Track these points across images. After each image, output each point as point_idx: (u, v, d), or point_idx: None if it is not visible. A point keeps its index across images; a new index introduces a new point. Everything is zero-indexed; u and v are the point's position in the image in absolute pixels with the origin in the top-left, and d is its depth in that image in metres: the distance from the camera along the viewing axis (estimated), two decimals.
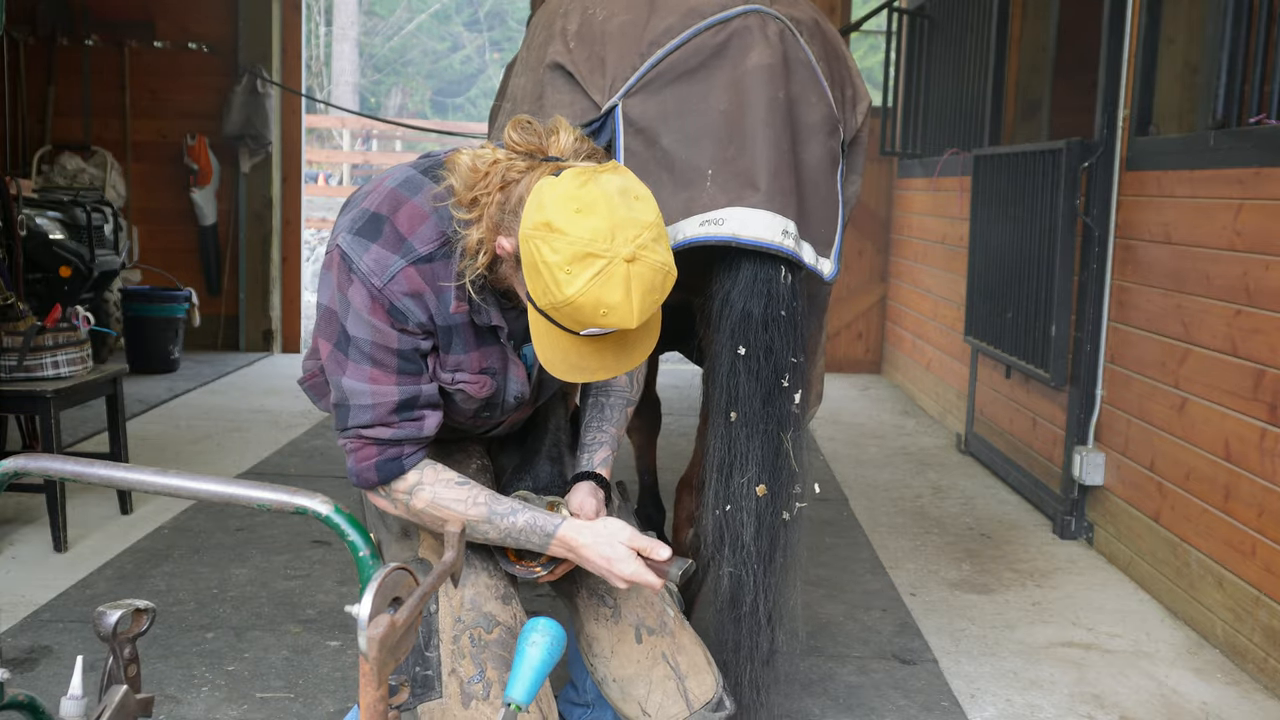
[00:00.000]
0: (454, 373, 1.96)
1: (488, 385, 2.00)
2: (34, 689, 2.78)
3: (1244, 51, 3.46)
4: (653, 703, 2.10)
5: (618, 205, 1.68)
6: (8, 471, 1.54)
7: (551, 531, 1.93)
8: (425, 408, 1.93)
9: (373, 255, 1.84)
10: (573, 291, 1.66)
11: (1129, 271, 4.19)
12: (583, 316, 1.68)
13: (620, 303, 1.66)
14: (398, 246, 1.85)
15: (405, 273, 1.85)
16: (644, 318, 1.69)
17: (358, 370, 1.88)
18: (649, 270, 1.68)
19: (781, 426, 2.29)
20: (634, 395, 2.24)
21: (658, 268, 1.69)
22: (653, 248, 1.69)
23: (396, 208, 1.88)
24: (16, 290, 4.78)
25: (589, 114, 2.39)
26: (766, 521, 2.28)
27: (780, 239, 2.23)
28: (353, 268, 1.85)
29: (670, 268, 1.72)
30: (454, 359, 1.95)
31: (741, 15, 2.35)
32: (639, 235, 1.68)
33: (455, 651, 1.98)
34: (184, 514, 4.42)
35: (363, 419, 1.90)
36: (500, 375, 2.01)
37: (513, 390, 2.04)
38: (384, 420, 1.89)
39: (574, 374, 1.78)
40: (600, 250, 1.65)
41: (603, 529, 1.94)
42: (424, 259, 1.86)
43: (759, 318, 2.26)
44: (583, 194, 1.69)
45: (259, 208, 8.25)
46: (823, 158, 2.38)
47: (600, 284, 1.65)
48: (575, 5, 2.53)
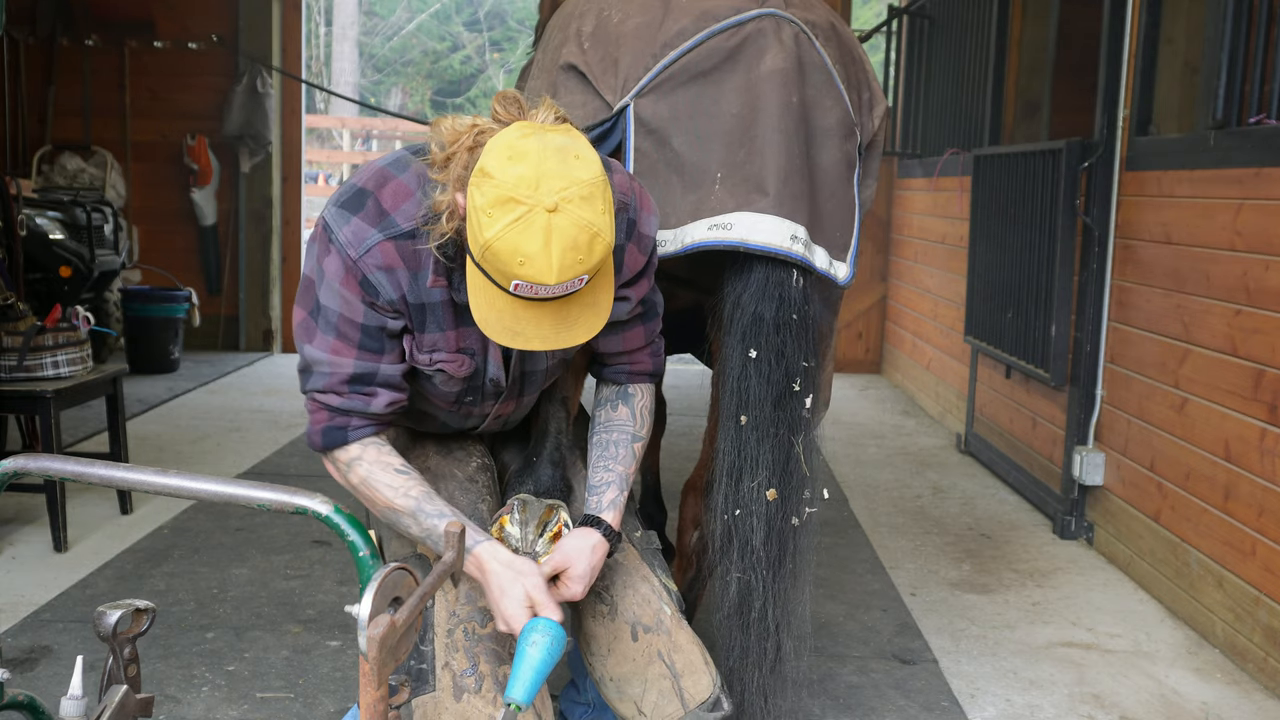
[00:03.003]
0: (431, 353, 1.96)
1: (466, 364, 1.99)
2: (34, 689, 2.78)
3: (1244, 51, 3.46)
4: (648, 701, 2.10)
5: (550, 158, 1.67)
6: (8, 471, 1.54)
7: (470, 546, 1.92)
8: (379, 385, 1.94)
9: (352, 227, 1.86)
10: (490, 235, 1.64)
11: (1129, 271, 4.19)
12: (501, 264, 1.65)
13: (537, 253, 1.63)
14: (377, 220, 1.87)
15: (381, 247, 1.86)
16: (564, 275, 1.65)
17: (322, 340, 1.91)
18: (571, 225, 1.64)
19: (792, 430, 2.28)
20: (639, 430, 2.17)
21: (582, 225, 1.65)
22: (580, 204, 1.66)
23: (382, 184, 1.90)
24: (16, 290, 4.78)
25: (601, 114, 2.39)
26: (776, 526, 2.27)
27: (789, 244, 2.22)
28: (332, 238, 1.87)
29: (600, 231, 1.67)
30: (430, 338, 1.94)
31: (756, 19, 2.34)
32: (566, 189, 1.65)
33: (449, 645, 1.98)
34: (184, 514, 4.42)
35: (318, 384, 1.94)
36: (479, 356, 2.00)
37: (490, 371, 2.04)
38: (335, 389, 1.92)
39: (508, 337, 1.73)
40: (522, 196, 1.64)
41: (516, 564, 1.90)
42: (405, 235, 1.87)
43: (771, 321, 2.25)
44: (520, 144, 1.69)
45: (259, 208, 8.25)
46: (838, 161, 2.37)
47: (518, 230, 1.63)
48: (591, 8, 2.53)
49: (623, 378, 2.19)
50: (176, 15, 8.03)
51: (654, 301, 2.16)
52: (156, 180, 8.14)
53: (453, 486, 2.17)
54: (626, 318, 2.11)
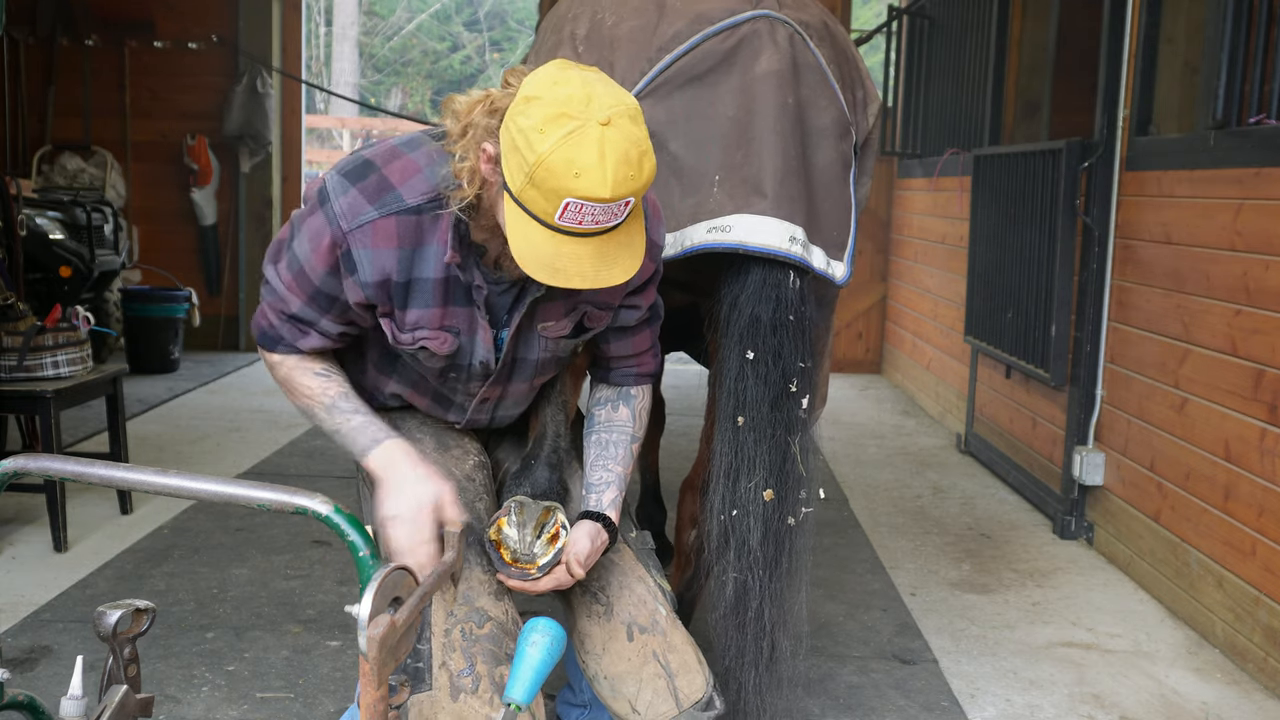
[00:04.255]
0: (414, 331, 1.96)
1: (449, 342, 1.99)
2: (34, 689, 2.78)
3: (1244, 51, 3.46)
4: (642, 700, 2.10)
5: (595, 82, 1.70)
6: (8, 471, 1.54)
7: (369, 447, 1.93)
8: (314, 330, 1.98)
9: (349, 199, 1.86)
10: (545, 149, 1.63)
11: (1129, 271, 4.19)
12: (555, 179, 1.64)
13: (593, 165, 1.63)
14: (377, 196, 1.86)
15: (376, 225, 1.85)
16: (618, 190, 1.64)
17: (284, 271, 1.94)
18: (623, 139, 1.65)
19: (789, 431, 2.28)
20: (638, 431, 2.18)
21: (634, 140, 1.66)
22: (629, 122, 1.67)
23: (391, 160, 1.90)
24: (16, 290, 4.78)
25: None
26: (773, 527, 2.28)
27: (787, 245, 2.23)
28: (325, 202, 1.87)
29: (647, 150, 1.68)
30: (414, 315, 1.94)
31: (750, 20, 2.34)
32: (616, 106, 1.67)
33: (446, 645, 1.99)
34: (184, 514, 4.42)
35: (267, 297, 2.00)
36: (465, 336, 2.00)
37: (479, 354, 2.03)
38: (278, 311, 1.98)
39: (548, 274, 1.72)
40: (575, 112, 1.65)
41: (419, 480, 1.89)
42: (410, 210, 1.86)
43: (767, 322, 2.25)
44: (562, 73, 1.71)
45: (259, 208, 8.25)
46: (834, 161, 2.37)
47: (573, 142, 1.63)
48: (584, 10, 2.53)
49: (629, 380, 2.20)
50: (176, 15, 8.03)
51: (658, 304, 2.17)
52: (156, 180, 8.14)
53: (450, 485, 2.17)
54: (634, 322, 2.12)
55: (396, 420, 2.25)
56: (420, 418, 2.25)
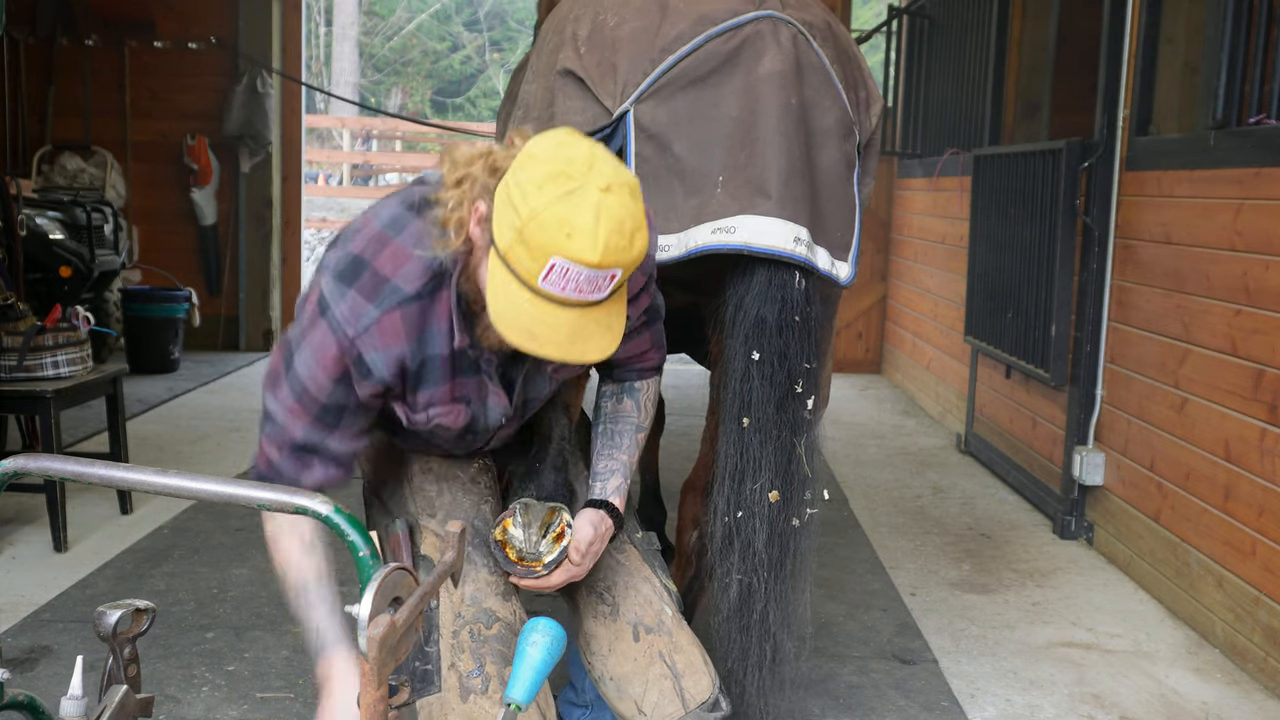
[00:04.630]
0: (427, 410, 1.94)
1: (463, 414, 1.98)
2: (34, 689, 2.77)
3: (1244, 51, 3.46)
4: (649, 701, 2.10)
5: (600, 152, 1.69)
6: (8, 471, 1.54)
7: (319, 649, 1.86)
8: (318, 458, 1.91)
9: (348, 303, 1.81)
10: (540, 204, 1.61)
11: (1129, 271, 4.19)
12: (545, 236, 1.61)
13: (587, 227, 1.60)
14: (375, 293, 1.81)
15: (381, 323, 1.81)
16: (606, 257, 1.62)
17: (285, 397, 1.88)
18: (621, 208, 1.63)
19: (794, 432, 2.28)
20: (643, 421, 2.19)
21: (630, 212, 1.65)
22: (628, 195, 1.66)
23: (380, 249, 1.83)
24: (16, 290, 4.78)
25: (600, 120, 2.38)
26: (778, 528, 2.28)
27: (792, 246, 2.23)
28: (325, 312, 1.82)
29: (641, 226, 1.67)
30: (425, 395, 1.92)
31: (753, 21, 2.34)
32: (617, 177, 1.66)
33: (455, 646, 1.99)
34: (184, 514, 4.42)
35: (267, 431, 1.92)
36: (477, 404, 1.99)
37: (494, 416, 2.03)
38: (278, 445, 1.91)
39: (524, 338, 1.69)
40: (576, 173, 1.64)
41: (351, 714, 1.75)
42: (410, 299, 1.82)
43: (773, 323, 2.25)
44: (569, 137, 1.71)
45: (259, 208, 8.25)
46: (837, 161, 2.37)
47: (570, 201, 1.61)
48: (586, 11, 2.52)
49: (632, 376, 2.21)
50: (176, 15, 8.02)
51: (657, 305, 2.16)
52: (156, 180, 8.14)
53: (455, 488, 2.17)
54: (629, 329, 2.11)
55: None
56: None
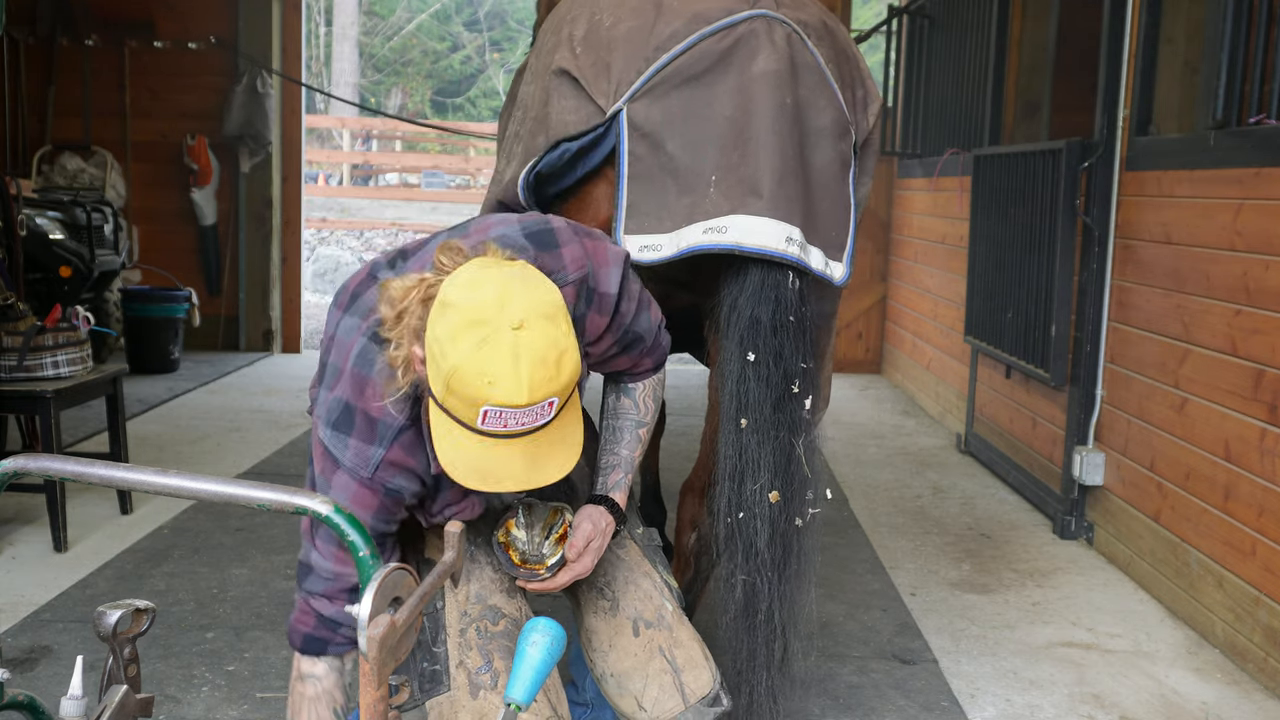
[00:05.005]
0: (443, 511, 1.98)
1: (478, 505, 2.01)
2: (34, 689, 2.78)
3: (1244, 51, 3.46)
4: (649, 697, 2.10)
5: (512, 281, 1.65)
6: (8, 471, 1.54)
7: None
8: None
9: (352, 451, 1.85)
10: (457, 359, 1.60)
11: (1129, 271, 4.19)
12: (468, 389, 1.61)
13: (506, 373, 1.59)
14: (371, 435, 1.84)
15: (388, 458, 1.85)
16: (535, 394, 1.61)
17: (325, 547, 1.89)
18: (539, 340, 1.61)
19: (793, 432, 2.28)
20: (643, 417, 2.19)
21: (550, 341, 1.62)
22: (545, 322, 1.63)
23: (360, 391, 1.85)
24: (16, 290, 4.78)
25: (594, 119, 2.38)
26: (780, 528, 2.28)
27: (784, 246, 2.22)
28: (338, 464, 1.86)
29: (567, 349, 1.64)
30: (440, 501, 1.97)
31: (747, 20, 2.33)
32: (530, 307, 1.62)
33: (462, 644, 2.00)
34: (184, 514, 4.42)
35: (317, 588, 1.92)
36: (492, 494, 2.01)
37: (508, 498, 2.07)
38: (332, 596, 1.91)
39: (477, 479, 1.69)
40: (487, 318, 1.60)
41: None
42: (405, 427, 1.85)
43: (768, 323, 2.25)
44: (479, 274, 1.67)
45: (259, 208, 8.25)
46: (832, 160, 2.36)
47: (485, 351, 1.59)
48: (583, 12, 2.52)
49: (626, 379, 2.21)
50: (176, 15, 8.02)
51: (637, 332, 2.10)
52: (156, 180, 8.14)
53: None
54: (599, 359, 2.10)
55: None
56: None
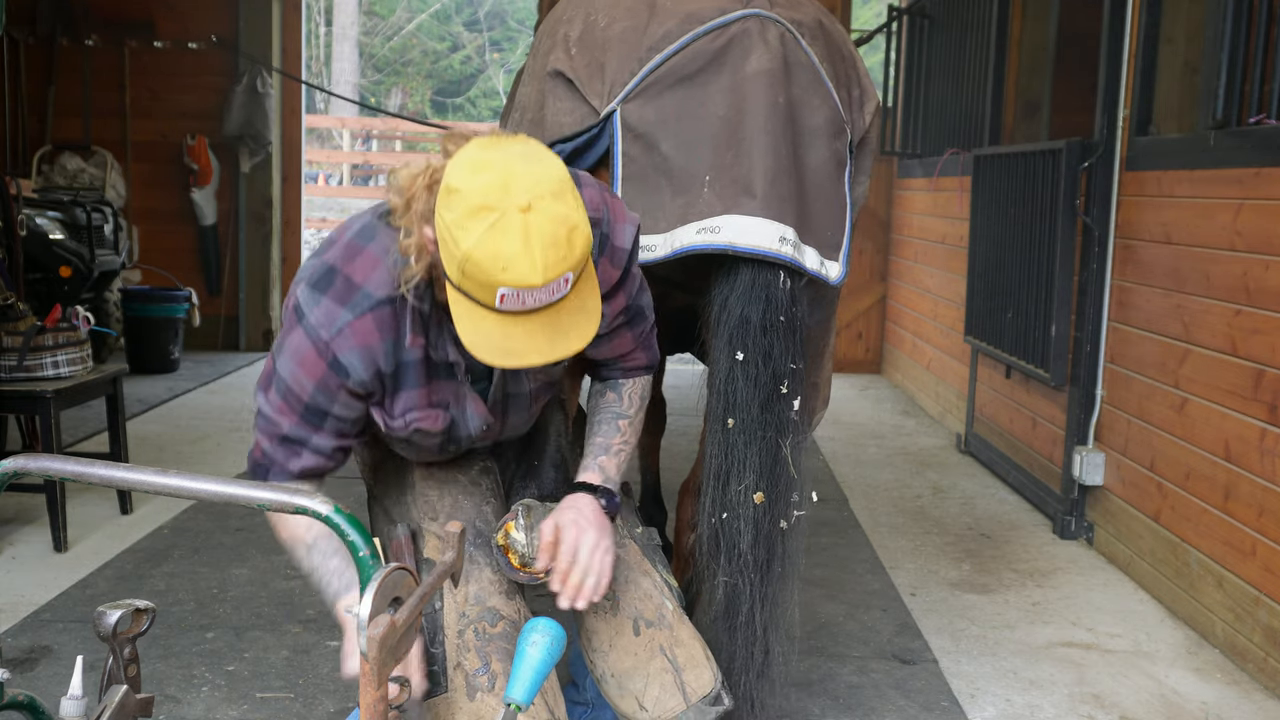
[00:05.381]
0: (404, 414, 1.97)
1: (441, 418, 2.00)
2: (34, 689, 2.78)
3: (1244, 51, 3.46)
4: (649, 696, 2.10)
5: (515, 162, 1.67)
6: (8, 471, 1.54)
7: (339, 594, 1.93)
8: (306, 449, 1.97)
9: (322, 309, 1.86)
10: (469, 245, 1.62)
11: (1129, 271, 4.19)
12: (483, 274, 1.63)
13: (519, 254, 1.61)
14: (347, 298, 1.86)
15: (354, 325, 1.85)
16: (549, 273, 1.63)
17: (273, 397, 1.94)
18: (548, 221, 1.63)
19: (780, 433, 2.27)
20: (625, 409, 2.18)
21: (559, 219, 1.64)
22: (552, 200, 1.64)
23: (351, 258, 1.88)
24: (16, 290, 4.78)
25: (588, 120, 2.38)
26: (764, 530, 2.26)
27: (777, 246, 2.22)
28: (301, 318, 1.88)
29: (577, 224, 1.66)
30: (403, 399, 1.95)
31: (740, 20, 2.33)
32: (536, 186, 1.64)
33: (460, 646, 1.99)
34: (184, 514, 4.42)
35: (259, 425, 1.99)
36: (456, 408, 2.00)
37: (473, 424, 2.04)
38: (269, 436, 1.97)
39: (501, 357, 1.71)
40: (494, 202, 1.63)
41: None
42: (382, 302, 1.86)
43: (757, 323, 2.24)
44: (482, 155, 1.69)
45: (259, 208, 8.25)
46: (827, 160, 2.36)
47: (496, 235, 1.61)
48: (578, 13, 2.52)
49: (618, 374, 2.21)
50: (176, 15, 8.03)
51: (640, 305, 2.14)
52: (156, 180, 8.14)
53: (456, 491, 2.17)
54: (605, 330, 2.10)
55: None
56: None
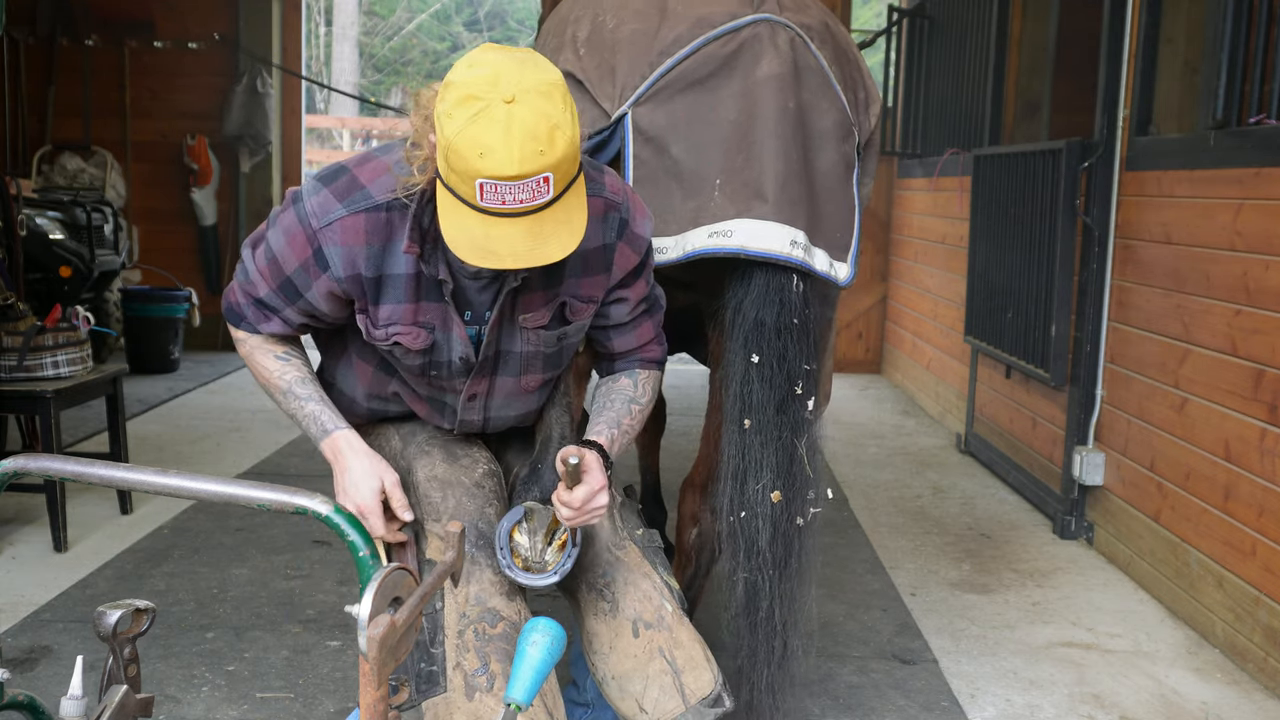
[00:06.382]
0: (387, 327, 1.99)
1: (422, 337, 2.01)
2: (34, 689, 2.78)
3: (1244, 51, 3.46)
4: (649, 698, 2.10)
5: (509, 62, 1.71)
6: (8, 471, 1.54)
7: (329, 430, 2.02)
8: (276, 316, 2.05)
9: (320, 199, 1.92)
10: (452, 132, 1.67)
11: (1129, 271, 4.19)
12: (463, 161, 1.67)
13: (497, 144, 1.65)
14: (346, 195, 1.91)
15: (344, 222, 1.90)
16: (525, 166, 1.65)
17: (260, 258, 2.02)
18: (530, 114, 1.66)
19: (795, 433, 2.30)
20: (638, 395, 2.19)
21: (541, 114, 1.66)
22: (538, 97, 1.67)
23: (363, 162, 1.95)
24: (16, 290, 4.78)
25: (599, 122, 2.40)
26: (781, 528, 2.30)
27: (789, 250, 2.24)
28: (297, 201, 1.94)
29: (559, 123, 1.68)
30: (386, 311, 1.98)
31: (751, 24, 2.35)
32: (522, 82, 1.68)
33: (460, 646, 1.99)
34: (184, 514, 4.42)
35: (240, 276, 2.07)
36: (441, 332, 2.02)
37: (456, 350, 2.05)
38: (246, 292, 2.05)
39: (479, 256, 1.74)
40: (481, 93, 1.67)
41: (377, 460, 1.99)
42: (378, 206, 1.90)
43: (772, 326, 2.27)
44: (481, 55, 1.74)
45: (259, 208, 8.25)
46: (836, 163, 2.38)
47: (478, 123, 1.66)
48: (586, 13, 2.53)
49: (635, 366, 2.22)
50: (176, 15, 8.03)
51: (656, 295, 2.19)
52: (156, 180, 8.14)
53: (459, 493, 2.17)
54: (628, 318, 2.13)
55: (406, 435, 2.26)
56: (430, 431, 2.25)
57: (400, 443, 2.27)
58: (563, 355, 2.16)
